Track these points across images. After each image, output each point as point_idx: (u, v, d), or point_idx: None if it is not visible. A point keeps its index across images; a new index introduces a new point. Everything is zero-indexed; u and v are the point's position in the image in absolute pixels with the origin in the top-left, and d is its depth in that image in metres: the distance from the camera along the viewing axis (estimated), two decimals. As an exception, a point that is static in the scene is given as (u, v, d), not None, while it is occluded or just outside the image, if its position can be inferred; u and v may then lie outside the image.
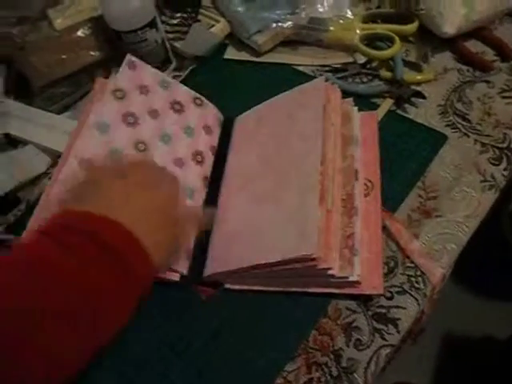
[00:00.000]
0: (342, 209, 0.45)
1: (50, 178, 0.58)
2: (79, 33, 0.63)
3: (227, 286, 0.46)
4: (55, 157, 0.60)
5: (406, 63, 0.64)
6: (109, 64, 0.67)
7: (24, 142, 0.61)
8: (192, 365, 0.43)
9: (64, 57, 0.63)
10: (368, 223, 0.46)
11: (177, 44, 0.69)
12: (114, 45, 0.64)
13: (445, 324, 1.18)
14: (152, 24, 0.61)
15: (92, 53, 0.64)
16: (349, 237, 0.43)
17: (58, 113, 0.66)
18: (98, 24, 0.63)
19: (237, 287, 0.46)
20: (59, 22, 0.63)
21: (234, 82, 0.68)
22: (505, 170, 0.53)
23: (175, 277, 0.45)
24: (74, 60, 0.63)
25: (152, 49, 0.63)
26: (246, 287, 0.46)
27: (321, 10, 0.65)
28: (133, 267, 0.31)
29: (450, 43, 0.64)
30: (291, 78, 0.66)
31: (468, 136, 0.56)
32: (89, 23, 0.64)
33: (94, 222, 0.32)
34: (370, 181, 0.50)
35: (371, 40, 0.66)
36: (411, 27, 0.64)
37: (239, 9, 0.68)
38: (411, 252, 0.48)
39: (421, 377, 1.13)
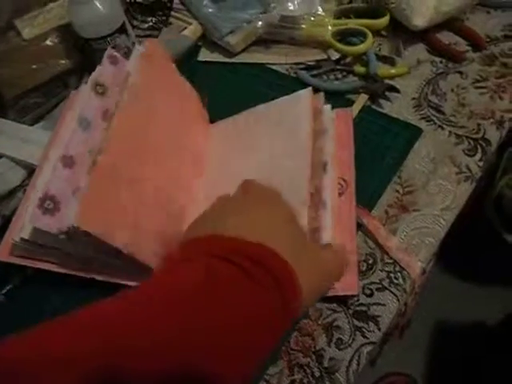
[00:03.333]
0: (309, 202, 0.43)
1: (24, 191, 0.58)
2: (48, 42, 0.62)
3: None
4: (30, 169, 0.59)
5: (380, 57, 0.64)
6: (81, 72, 0.66)
7: (-2, 156, 0.61)
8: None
9: (34, 67, 0.62)
10: (342, 223, 0.46)
11: (149, 48, 0.68)
12: (84, 52, 0.63)
13: (434, 312, 1.19)
14: (121, 30, 0.60)
15: (62, 61, 0.63)
16: (315, 231, 0.42)
17: (32, 124, 0.65)
18: (67, 32, 0.62)
19: None
20: (27, 32, 0.62)
21: (208, 84, 0.67)
22: (480, 160, 0.53)
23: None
24: (44, 69, 0.62)
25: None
26: None
27: (291, 7, 0.65)
28: (288, 300, 0.28)
29: (422, 35, 0.64)
30: (265, 77, 0.66)
31: (443, 128, 0.56)
32: (57, 32, 0.63)
33: (253, 249, 0.29)
34: (344, 180, 0.50)
35: (344, 36, 0.65)
36: (383, 21, 0.64)
37: (210, 10, 0.68)
38: (389, 249, 0.48)
39: (412, 366, 1.13)
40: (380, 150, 0.55)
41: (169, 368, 0.24)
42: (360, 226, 0.49)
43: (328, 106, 0.53)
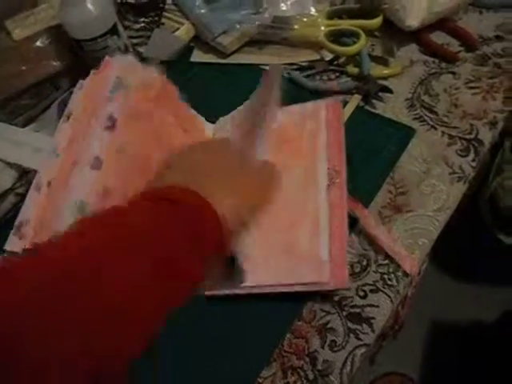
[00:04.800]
0: None
1: (16, 194, 0.57)
2: (39, 43, 0.62)
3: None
4: (21, 171, 0.58)
5: (373, 58, 0.64)
6: (72, 74, 0.65)
7: (-12, 158, 0.60)
8: (167, 374, 0.43)
9: (24, 68, 0.61)
10: (331, 215, 0.45)
11: (142, 49, 0.68)
12: (75, 53, 0.62)
13: (430, 312, 1.19)
14: (113, 31, 0.60)
15: (53, 62, 0.63)
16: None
17: (23, 126, 0.64)
18: (58, 33, 0.62)
19: (208, 294, 0.45)
20: (17, 33, 0.61)
21: (201, 85, 0.67)
22: (473, 160, 0.53)
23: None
24: (34, 71, 0.62)
25: (114, 55, 0.62)
26: (216, 292, 0.45)
27: (284, 8, 0.65)
28: (202, 226, 0.32)
29: (415, 35, 0.64)
30: (258, 77, 0.65)
31: (435, 128, 0.56)
32: (48, 33, 0.62)
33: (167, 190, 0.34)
34: (334, 170, 0.48)
35: (337, 36, 0.65)
36: (376, 22, 0.64)
37: (203, 11, 0.68)
38: (380, 240, 0.47)
39: (409, 366, 1.13)
40: (373, 151, 0.55)
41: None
42: (353, 226, 0.48)
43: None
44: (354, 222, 0.49)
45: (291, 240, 0.45)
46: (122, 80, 0.48)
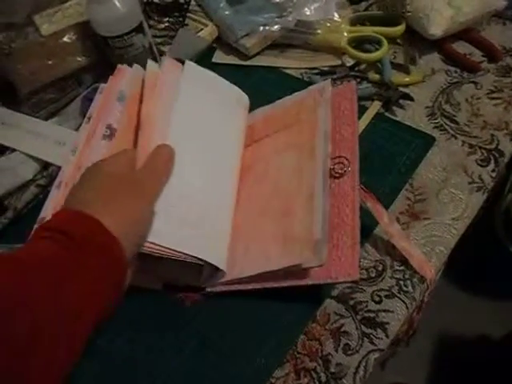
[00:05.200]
0: None
1: (37, 185, 0.58)
2: (65, 38, 0.63)
3: (209, 289, 0.46)
4: (43, 163, 0.59)
5: (394, 65, 0.64)
6: (96, 70, 0.66)
7: (11, 149, 0.61)
8: (180, 372, 0.43)
9: (50, 62, 0.62)
10: (342, 206, 0.44)
11: (165, 48, 0.69)
12: (100, 50, 0.63)
13: (439, 324, 1.18)
14: (139, 29, 0.61)
15: (79, 58, 0.64)
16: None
17: (46, 119, 0.65)
18: (85, 29, 0.63)
19: (217, 289, 0.46)
20: (45, 28, 0.62)
21: (222, 86, 0.67)
22: (493, 171, 0.53)
23: (158, 285, 0.45)
24: (60, 66, 0.63)
25: (139, 53, 0.62)
26: (225, 289, 0.45)
27: (308, 13, 0.65)
28: (83, 241, 0.32)
29: (438, 45, 0.65)
30: (279, 80, 0.66)
31: (456, 138, 0.56)
32: (75, 29, 0.63)
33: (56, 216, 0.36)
34: (346, 158, 0.47)
35: (359, 42, 0.66)
36: (398, 29, 0.64)
37: (227, 13, 0.68)
38: (391, 235, 0.47)
39: (416, 378, 1.13)
40: (392, 158, 0.55)
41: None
42: (369, 233, 0.48)
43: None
44: (369, 229, 0.49)
45: (287, 228, 0.44)
46: (123, 92, 0.49)
